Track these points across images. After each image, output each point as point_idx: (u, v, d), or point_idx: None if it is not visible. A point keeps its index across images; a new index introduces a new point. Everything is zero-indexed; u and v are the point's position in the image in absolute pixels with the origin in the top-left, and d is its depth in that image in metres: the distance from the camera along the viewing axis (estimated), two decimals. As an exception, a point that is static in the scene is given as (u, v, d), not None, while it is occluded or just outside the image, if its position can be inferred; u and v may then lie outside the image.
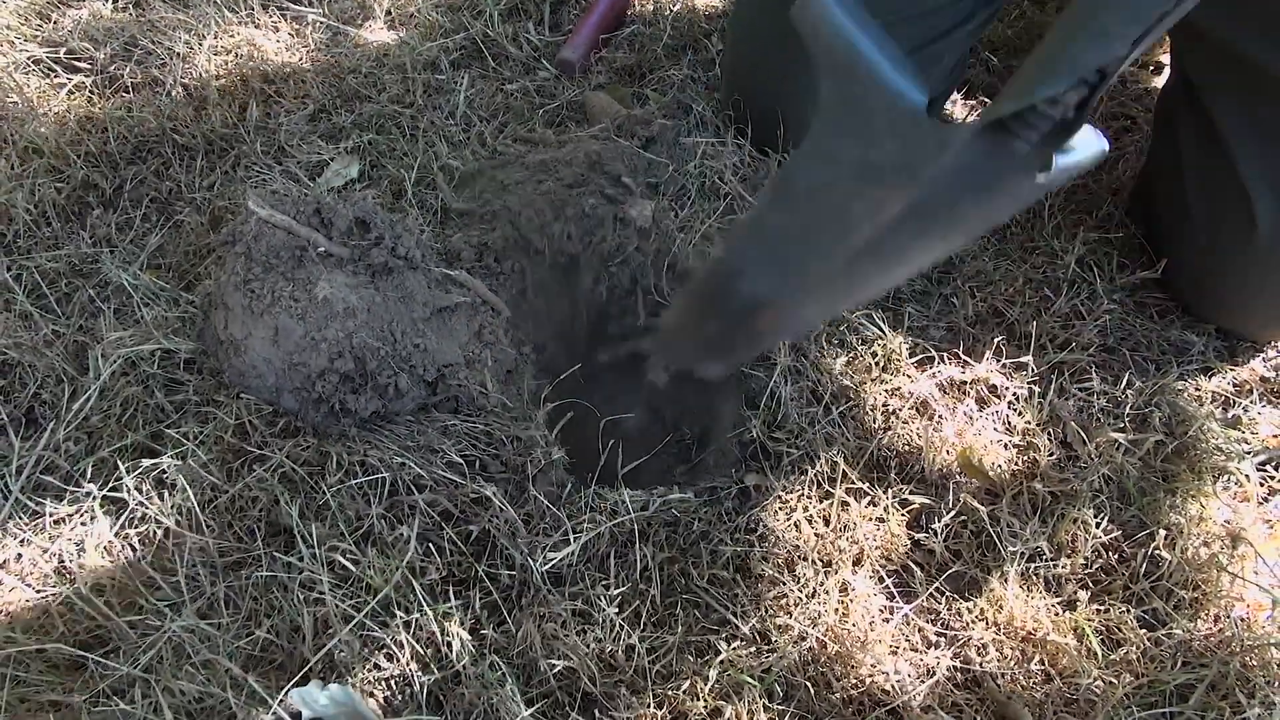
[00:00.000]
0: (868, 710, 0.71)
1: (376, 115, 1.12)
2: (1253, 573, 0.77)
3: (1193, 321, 0.96)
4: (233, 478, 0.79)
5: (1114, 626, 0.75)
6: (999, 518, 0.80)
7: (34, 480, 0.79)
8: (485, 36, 1.22)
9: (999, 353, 0.91)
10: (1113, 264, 1.00)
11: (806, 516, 0.80)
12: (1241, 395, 0.91)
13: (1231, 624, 0.75)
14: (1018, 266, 0.99)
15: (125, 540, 0.76)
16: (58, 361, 0.86)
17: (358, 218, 0.84)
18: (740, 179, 1.03)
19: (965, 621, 0.75)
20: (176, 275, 0.95)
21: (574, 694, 0.71)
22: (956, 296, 0.97)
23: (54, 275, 0.95)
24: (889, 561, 0.79)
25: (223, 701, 0.67)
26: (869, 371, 0.89)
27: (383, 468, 0.78)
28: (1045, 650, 0.74)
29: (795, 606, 0.75)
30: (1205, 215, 0.92)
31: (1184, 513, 0.81)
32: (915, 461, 0.84)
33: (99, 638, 0.72)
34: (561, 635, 0.72)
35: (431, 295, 0.86)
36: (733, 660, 0.72)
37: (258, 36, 1.20)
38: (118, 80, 1.15)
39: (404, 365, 0.82)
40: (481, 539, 0.77)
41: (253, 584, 0.74)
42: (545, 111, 1.14)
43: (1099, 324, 0.94)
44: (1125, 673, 0.72)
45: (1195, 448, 0.85)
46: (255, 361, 0.79)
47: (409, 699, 0.70)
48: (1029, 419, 0.86)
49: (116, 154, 1.07)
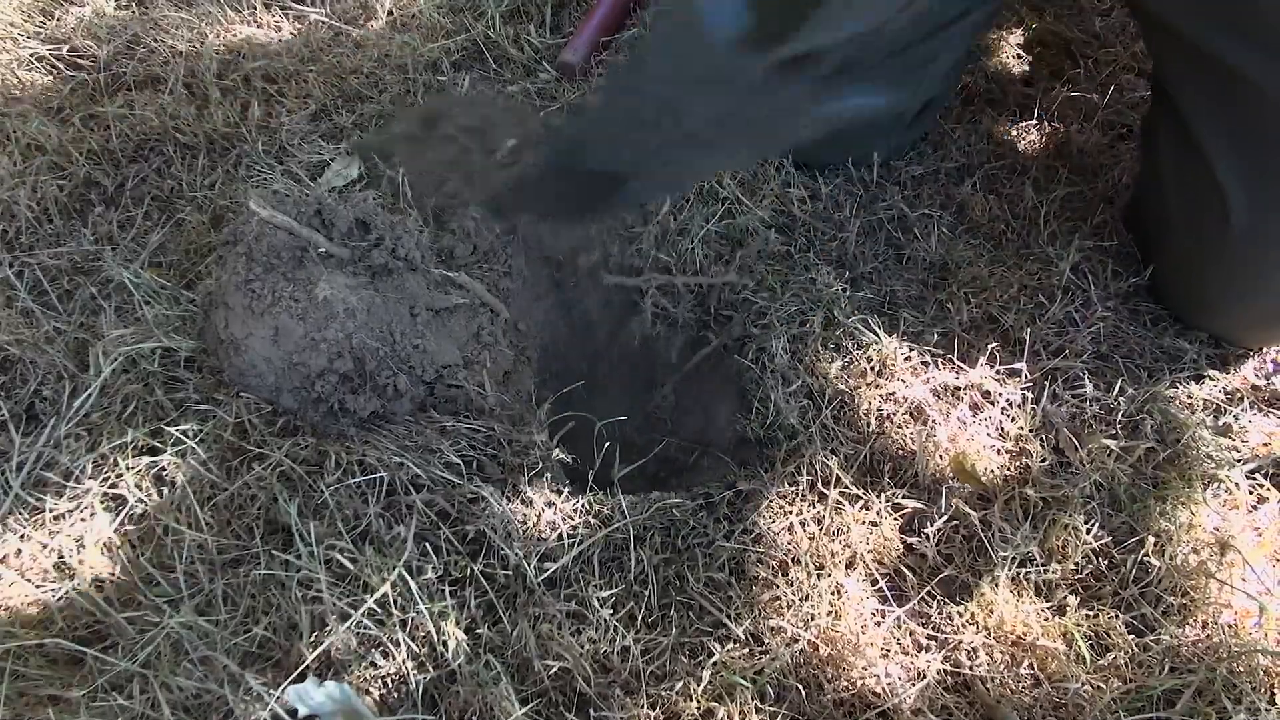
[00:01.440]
0: (859, 712, 0.71)
1: (378, 116, 1.13)
2: (1240, 580, 0.78)
3: (1184, 330, 0.97)
4: (232, 476, 0.79)
5: (1103, 632, 0.76)
6: (991, 523, 0.80)
7: (34, 476, 0.80)
8: (486, 38, 1.22)
9: (993, 359, 0.91)
10: (1107, 272, 1.01)
11: (800, 520, 0.80)
12: (1232, 403, 0.92)
13: (1219, 630, 0.76)
14: (1012, 273, 1.00)
15: (124, 537, 0.77)
16: (59, 358, 0.86)
17: (358, 219, 0.85)
18: (739, 183, 1.04)
19: (956, 625, 0.76)
20: (177, 273, 0.96)
21: (568, 694, 0.72)
22: (951, 302, 0.97)
23: (56, 272, 0.95)
24: (881, 565, 0.79)
25: (220, 698, 0.68)
26: (864, 376, 0.90)
27: (381, 467, 0.79)
28: (1035, 655, 0.74)
29: (788, 609, 0.76)
30: (1184, 217, 0.93)
31: (1174, 519, 0.82)
32: (908, 466, 0.84)
33: (98, 633, 0.73)
34: (556, 636, 0.73)
35: (431, 296, 0.86)
36: (726, 662, 0.73)
37: (260, 35, 1.21)
38: (120, 78, 1.15)
39: (403, 366, 0.83)
40: (478, 539, 0.78)
41: (251, 581, 0.74)
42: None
43: (1092, 331, 0.95)
44: (1113, 678, 0.73)
45: (1186, 455, 0.86)
46: (255, 360, 0.80)
47: (405, 697, 0.70)
48: (1022, 425, 0.87)
49: (118, 152, 1.08)
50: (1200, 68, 0.88)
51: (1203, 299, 0.95)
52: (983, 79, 1.22)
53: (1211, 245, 0.91)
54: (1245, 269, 0.90)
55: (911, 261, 1.02)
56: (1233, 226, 0.87)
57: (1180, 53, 0.90)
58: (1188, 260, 0.94)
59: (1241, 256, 0.89)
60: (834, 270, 0.99)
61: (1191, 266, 0.94)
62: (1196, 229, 0.92)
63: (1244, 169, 0.86)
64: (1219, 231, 0.89)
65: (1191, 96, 0.90)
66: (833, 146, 1.08)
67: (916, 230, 1.04)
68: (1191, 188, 0.92)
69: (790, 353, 0.91)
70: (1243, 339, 0.96)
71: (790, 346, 0.92)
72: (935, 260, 1.02)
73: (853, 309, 0.95)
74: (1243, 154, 0.86)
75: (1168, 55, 0.93)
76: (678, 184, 0.96)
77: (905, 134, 1.11)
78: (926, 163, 1.12)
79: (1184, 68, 0.90)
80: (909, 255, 1.03)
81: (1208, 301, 0.95)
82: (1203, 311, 0.96)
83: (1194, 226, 0.92)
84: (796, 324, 0.94)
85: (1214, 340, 0.96)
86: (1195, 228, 0.92)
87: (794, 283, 0.98)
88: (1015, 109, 1.19)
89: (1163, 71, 0.95)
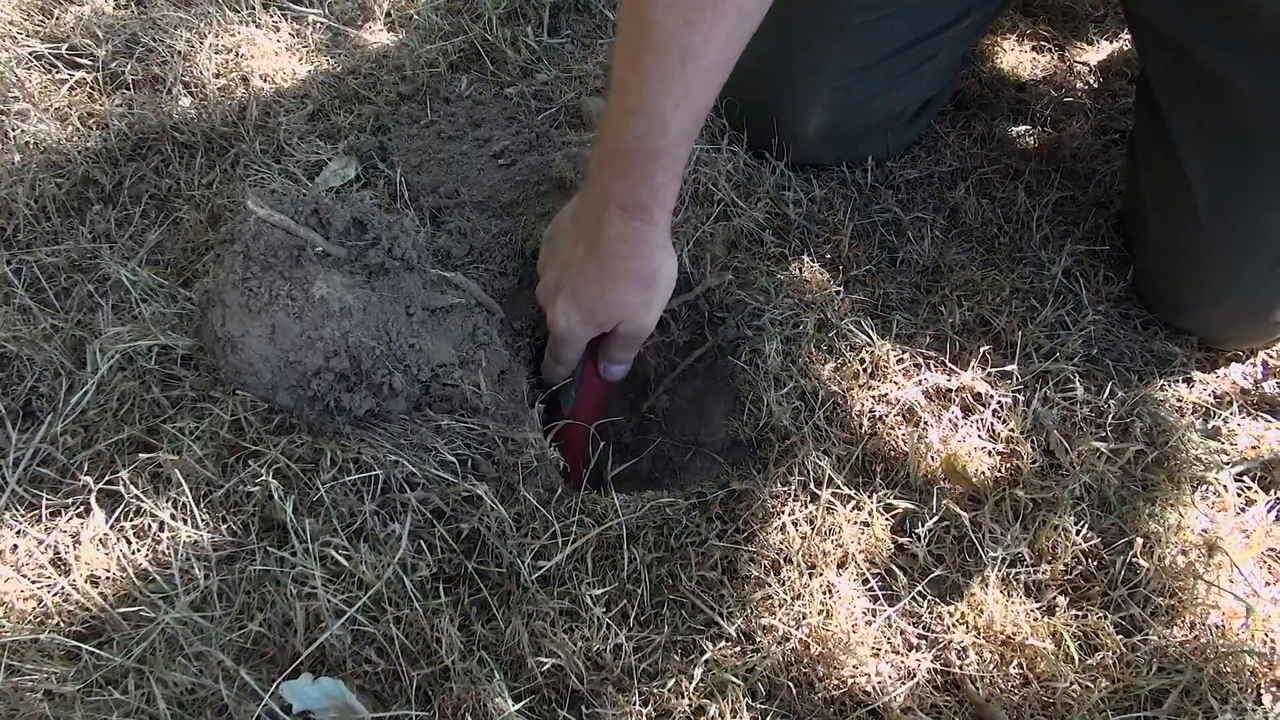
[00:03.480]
0: (849, 710, 0.72)
1: (375, 117, 1.13)
2: (1228, 581, 0.79)
3: (1175, 333, 0.98)
4: (228, 473, 0.80)
5: (1092, 632, 0.77)
6: (981, 523, 0.81)
7: (30, 472, 0.80)
8: (484, 40, 1.23)
9: (985, 361, 0.92)
10: (1098, 276, 1.01)
11: (792, 520, 0.81)
12: (1221, 407, 0.92)
13: (1206, 631, 0.76)
14: (1005, 276, 1.01)
15: (120, 533, 0.77)
16: (56, 355, 0.87)
17: (355, 218, 0.85)
18: (734, 185, 1.05)
19: (946, 625, 0.77)
20: (175, 272, 0.96)
21: (561, 691, 0.72)
22: (944, 305, 0.98)
23: (53, 270, 0.96)
24: (873, 565, 0.80)
25: (215, 693, 0.68)
26: (856, 378, 0.91)
27: (376, 465, 0.79)
28: (1024, 654, 0.75)
29: (780, 608, 0.76)
30: (1158, 216, 0.95)
31: (1162, 521, 0.82)
32: (900, 467, 0.85)
33: (93, 629, 0.73)
34: (550, 633, 0.73)
35: (427, 296, 0.87)
36: (718, 660, 0.73)
37: (258, 36, 1.21)
38: (119, 77, 1.16)
39: (399, 365, 0.83)
40: (472, 537, 0.78)
41: (246, 578, 0.75)
42: (544, 116, 1.15)
43: (1084, 334, 0.96)
44: (1101, 677, 0.74)
45: (1175, 458, 0.87)
46: (252, 359, 0.80)
47: (399, 693, 0.71)
48: (1013, 427, 0.88)
49: (117, 150, 1.08)
50: (1178, 65, 0.90)
51: (1178, 299, 0.96)
52: (976, 83, 1.23)
53: (1183, 242, 0.92)
54: (1213, 263, 0.91)
55: (905, 264, 1.03)
56: (1200, 221, 0.89)
57: (1158, 45, 0.92)
58: (1164, 260, 0.96)
59: (1209, 250, 0.90)
60: (828, 272, 1.00)
61: (1167, 266, 0.96)
62: (1169, 227, 0.94)
63: (1210, 160, 0.89)
64: (1189, 228, 0.90)
65: (1167, 91, 0.92)
66: (831, 146, 1.09)
67: (910, 233, 1.05)
68: (1165, 184, 0.94)
69: (784, 354, 0.92)
70: (1220, 339, 0.97)
71: (784, 348, 0.93)
72: (928, 263, 1.03)
73: (846, 311, 0.96)
74: (1210, 145, 0.89)
75: (1148, 49, 0.95)
76: None
77: (903, 134, 1.12)
78: (920, 166, 1.13)
79: (1163, 63, 0.92)
80: (902, 258, 1.03)
81: (1184, 301, 0.96)
82: (1181, 312, 0.97)
83: (1167, 225, 0.94)
84: (790, 326, 0.94)
85: (1203, 344, 0.97)
86: (1168, 226, 0.94)
87: (788, 284, 0.98)
88: (1009, 113, 1.20)
89: (1145, 67, 0.97)
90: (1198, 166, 0.89)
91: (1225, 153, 0.88)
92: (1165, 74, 0.93)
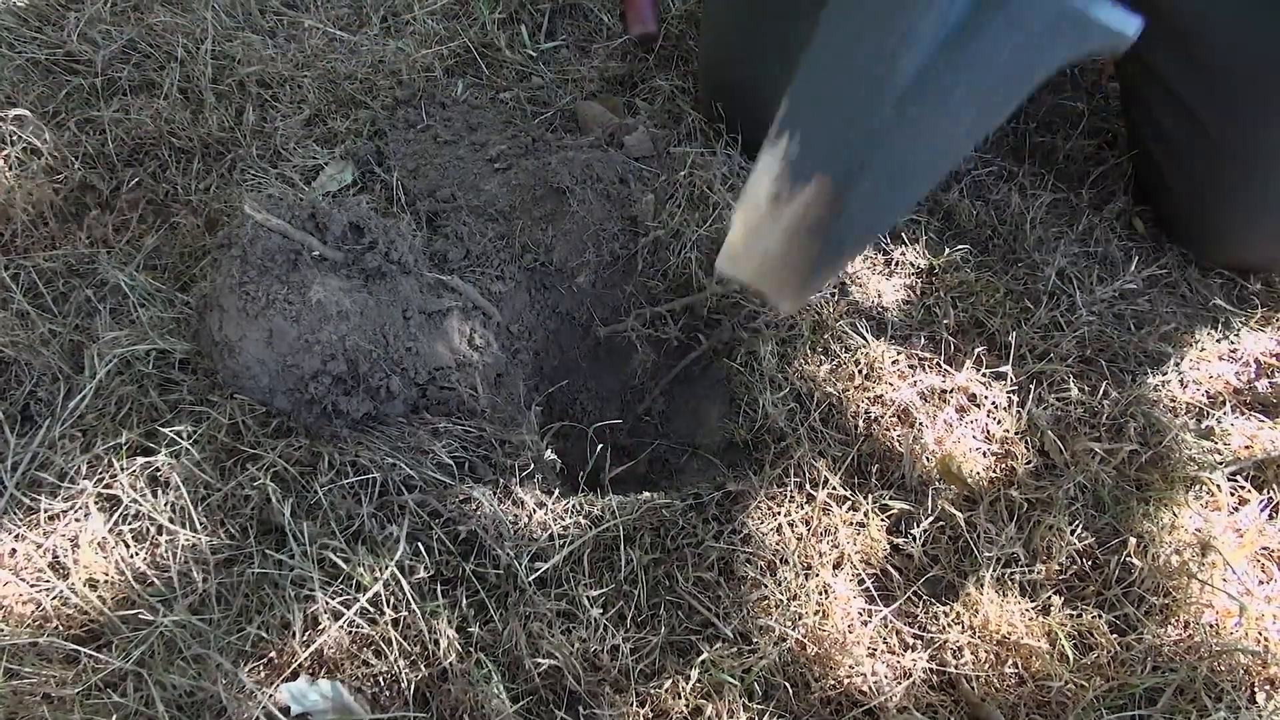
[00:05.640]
0: (845, 710, 0.72)
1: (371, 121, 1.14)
2: (1222, 580, 0.79)
3: (1169, 334, 0.98)
4: (226, 476, 0.80)
5: (1086, 631, 0.77)
6: (976, 524, 0.82)
7: (29, 477, 0.80)
8: (480, 44, 1.23)
9: (979, 362, 0.93)
10: (1092, 277, 1.02)
11: (788, 521, 0.81)
12: (1215, 407, 0.93)
13: (1200, 630, 0.77)
14: (999, 278, 1.01)
15: (119, 537, 0.77)
16: (54, 360, 0.87)
17: (352, 223, 0.86)
18: (729, 188, 1.05)
19: (942, 625, 0.77)
20: (172, 276, 0.96)
21: (559, 692, 0.73)
22: (939, 307, 0.98)
23: (51, 275, 0.96)
24: (868, 565, 0.80)
25: (214, 696, 0.69)
26: (852, 379, 0.91)
27: (374, 468, 0.79)
28: (1019, 653, 0.75)
29: (776, 608, 0.77)
30: (1171, 163, 1.02)
31: (1156, 521, 0.83)
32: (896, 468, 0.85)
33: (92, 632, 0.73)
34: (547, 634, 0.73)
35: (424, 299, 0.87)
36: (714, 660, 0.73)
37: (255, 41, 1.22)
38: (116, 82, 1.16)
39: (396, 368, 0.84)
40: (469, 539, 0.78)
41: (244, 581, 0.75)
42: (540, 120, 1.16)
43: (1077, 335, 0.96)
44: (1096, 676, 0.74)
45: (1169, 457, 0.87)
46: (249, 363, 0.81)
47: (397, 695, 0.71)
48: (1007, 427, 0.88)
49: (114, 156, 1.08)
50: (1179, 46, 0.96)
51: (1218, 233, 1.03)
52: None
53: (1203, 178, 0.99)
54: (1238, 185, 0.98)
55: (899, 266, 1.04)
56: (1219, 150, 0.96)
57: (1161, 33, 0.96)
58: (1191, 203, 1.02)
59: (1232, 177, 0.97)
60: (823, 275, 1.00)
61: (1195, 208, 1.02)
62: (1187, 173, 1.01)
63: (1209, 94, 0.96)
64: (1207, 164, 0.98)
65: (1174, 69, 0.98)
66: None
67: (904, 236, 1.05)
68: (1169, 132, 1.01)
69: (779, 356, 0.92)
70: (1264, 263, 1.04)
71: (779, 350, 0.93)
72: (923, 265, 1.03)
73: (841, 313, 0.96)
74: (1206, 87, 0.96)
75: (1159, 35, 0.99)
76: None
77: None
78: (915, 169, 1.14)
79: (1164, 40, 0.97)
80: (897, 260, 1.04)
81: (1222, 232, 1.03)
82: (1221, 246, 1.04)
83: (1184, 171, 1.01)
84: (785, 328, 0.95)
85: (1198, 344, 0.98)
86: (1186, 173, 1.01)
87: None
88: (1003, 116, 1.20)
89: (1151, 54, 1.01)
90: (1199, 98, 0.95)
91: (1217, 87, 0.95)
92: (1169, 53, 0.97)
